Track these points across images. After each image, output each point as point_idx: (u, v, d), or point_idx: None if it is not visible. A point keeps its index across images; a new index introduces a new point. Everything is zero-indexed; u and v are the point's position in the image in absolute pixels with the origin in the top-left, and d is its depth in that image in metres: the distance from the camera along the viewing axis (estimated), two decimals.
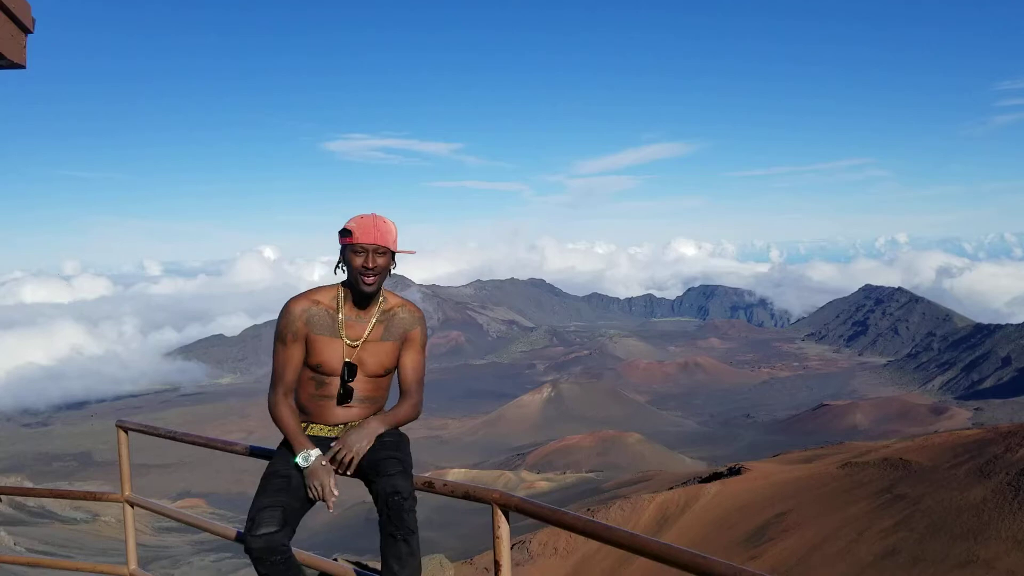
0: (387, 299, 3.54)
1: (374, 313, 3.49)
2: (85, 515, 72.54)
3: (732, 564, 2.19)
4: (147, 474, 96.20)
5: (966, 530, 23.38)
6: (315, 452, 3.25)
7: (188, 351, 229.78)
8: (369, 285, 3.37)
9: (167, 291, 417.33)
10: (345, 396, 3.44)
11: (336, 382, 3.41)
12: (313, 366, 3.41)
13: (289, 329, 3.37)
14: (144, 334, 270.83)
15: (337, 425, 3.45)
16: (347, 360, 3.40)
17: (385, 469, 3.25)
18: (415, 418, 3.57)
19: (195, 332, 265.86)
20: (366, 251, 3.35)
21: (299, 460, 3.24)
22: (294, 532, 3.17)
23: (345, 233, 3.39)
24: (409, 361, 3.57)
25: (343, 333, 3.41)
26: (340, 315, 3.42)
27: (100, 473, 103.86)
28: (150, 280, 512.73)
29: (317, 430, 3.44)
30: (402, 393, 3.59)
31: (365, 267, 3.34)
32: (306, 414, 3.47)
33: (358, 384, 3.44)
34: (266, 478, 3.26)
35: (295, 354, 3.38)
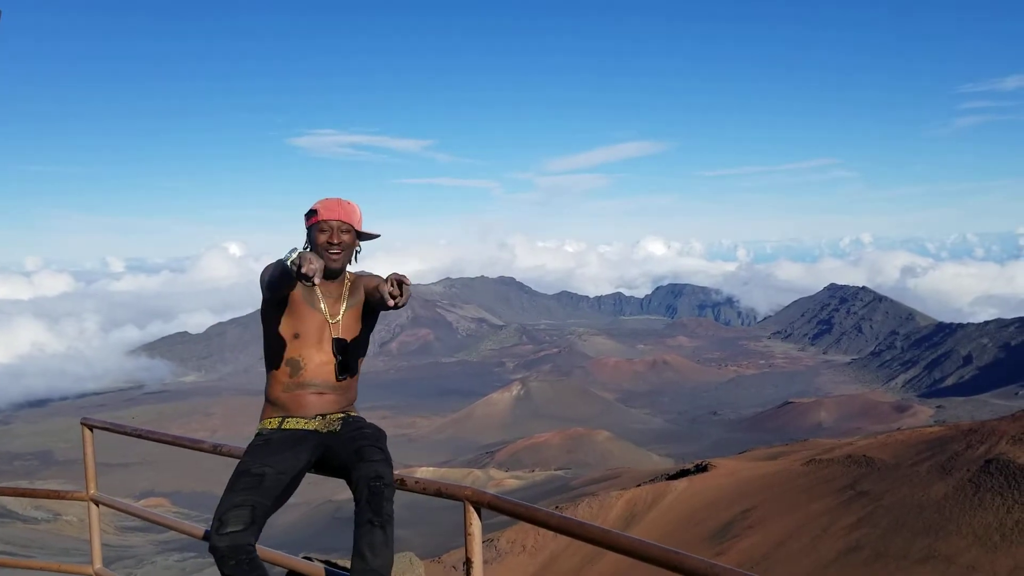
0: (347, 275, 3.59)
1: (343, 289, 3.53)
2: (46, 514, 71.38)
3: (704, 559, 2.19)
4: (110, 473, 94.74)
5: (927, 526, 23.80)
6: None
7: (152, 348, 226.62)
8: (335, 261, 3.41)
9: (130, 288, 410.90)
10: (343, 367, 3.46)
11: (312, 367, 3.41)
12: (289, 337, 3.40)
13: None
14: (106, 331, 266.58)
15: (315, 417, 3.42)
16: (336, 336, 3.44)
17: (368, 455, 3.24)
18: None
19: (158, 329, 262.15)
20: (331, 228, 3.39)
21: (291, 255, 2.99)
22: (260, 532, 3.11)
23: (311, 214, 3.44)
24: (376, 281, 3.45)
25: (324, 309, 3.45)
26: (319, 294, 3.45)
27: (62, 472, 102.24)
28: (112, 277, 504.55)
29: (294, 423, 3.40)
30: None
31: (330, 242, 3.39)
32: (281, 408, 3.44)
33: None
34: (236, 476, 3.19)
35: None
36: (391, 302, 3.11)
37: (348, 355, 3.49)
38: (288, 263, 3.00)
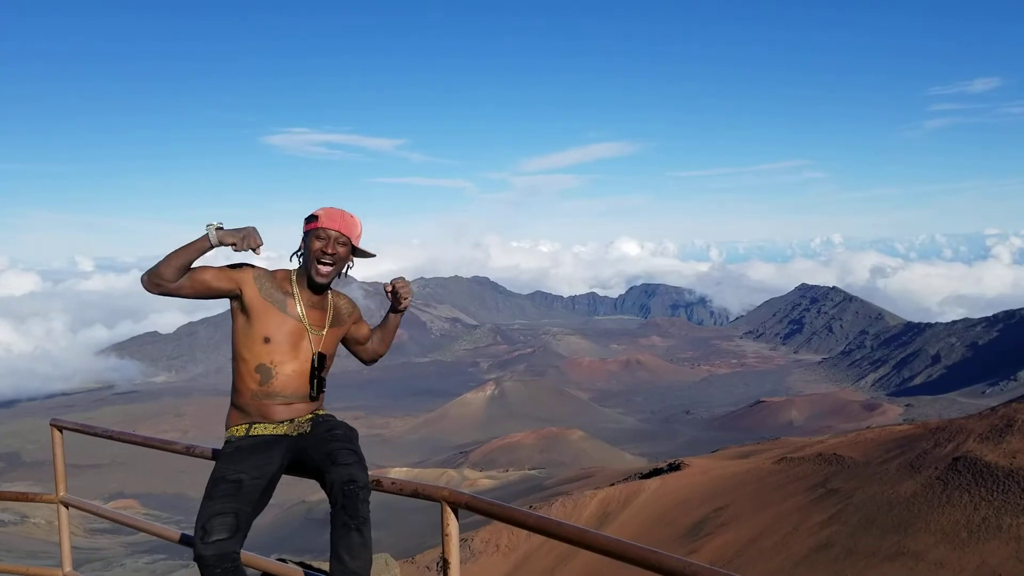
0: (330, 291, 3.52)
1: (327, 303, 3.46)
2: (13, 516, 70.27)
3: (682, 559, 2.20)
4: (79, 474, 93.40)
5: (897, 523, 24.09)
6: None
7: (121, 349, 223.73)
8: (323, 276, 3.33)
9: (98, 287, 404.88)
10: (319, 387, 3.38)
11: (283, 376, 3.30)
12: (258, 341, 3.28)
13: (236, 269, 3.30)
14: (74, 331, 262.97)
15: (282, 422, 3.33)
16: (318, 352, 3.36)
17: (341, 459, 3.19)
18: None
19: (127, 329, 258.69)
20: (328, 237, 3.30)
21: (210, 230, 3.09)
22: (244, 539, 3.08)
23: (311, 219, 3.34)
24: (367, 330, 3.73)
25: (304, 316, 3.35)
26: (297, 300, 3.35)
27: (30, 473, 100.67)
28: (81, 276, 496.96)
29: (261, 429, 3.30)
30: (376, 348, 3.79)
31: (324, 251, 3.29)
32: (248, 415, 3.33)
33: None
34: (213, 483, 3.12)
35: (212, 272, 3.22)
36: (404, 303, 3.50)
37: (324, 371, 3.43)
38: (213, 232, 3.04)
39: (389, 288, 3.54)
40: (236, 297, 3.27)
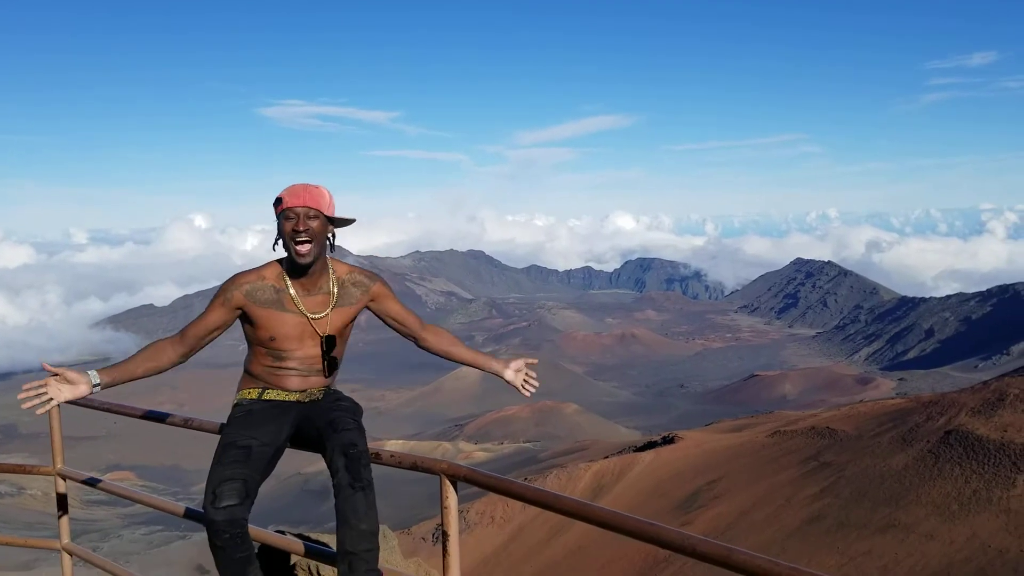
0: (336, 268, 3.41)
1: (327, 284, 3.37)
2: (10, 488, 70.63)
3: (681, 531, 2.20)
4: (75, 446, 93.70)
5: (888, 496, 24.31)
6: (94, 374, 3.28)
7: (117, 321, 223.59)
8: (302, 256, 3.19)
9: (92, 260, 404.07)
10: (332, 367, 3.38)
11: (295, 359, 3.31)
12: (265, 340, 3.29)
13: (224, 294, 3.24)
14: (68, 304, 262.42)
15: (295, 391, 3.35)
16: (326, 335, 3.32)
17: (342, 425, 3.20)
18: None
19: (121, 302, 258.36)
20: (296, 215, 3.16)
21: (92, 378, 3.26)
22: (252, 505, 3.06)
23: (277, 203, 3.23)
24: (396, 309, 3.52)
25: (301, 307, 3.29)
26: (291, 291, 3.29)
27: (26, 445, 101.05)
28: (75, 248, 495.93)
29: (275, 395, 3.34)
30: (423, 336, 3.60)
31: (296, 230, 3.15)
32: (263, 381, 3.36)
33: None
34: (224, 448, 3.12)
35: (215, 317, 3.22)
36: (527, 392, 3.49)
37: (337, 351, 3.40)
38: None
39: (524, 378, 3.55)
40: (240, 316, 3.30)
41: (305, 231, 3.17)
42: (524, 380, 3.52)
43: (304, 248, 3.19)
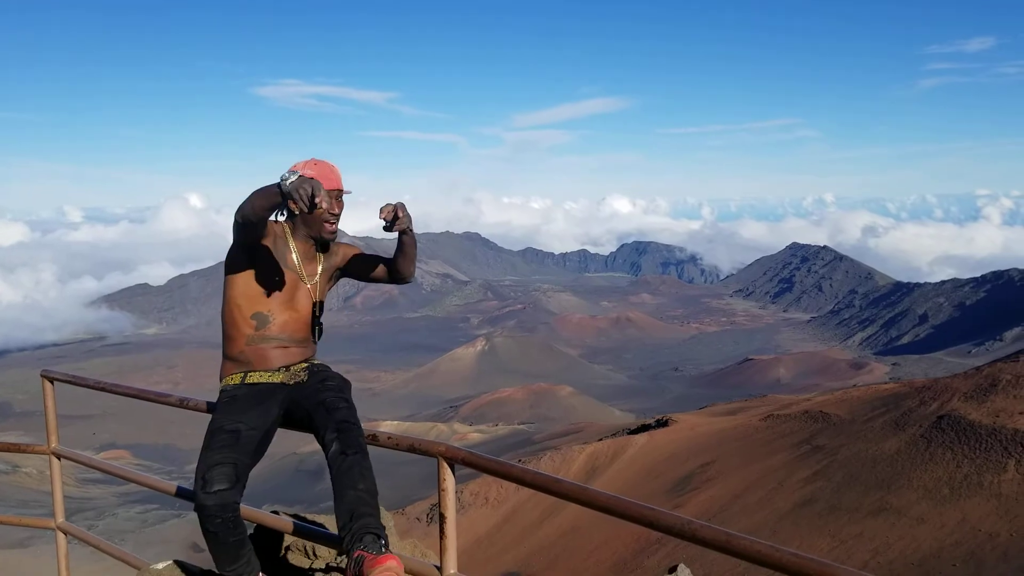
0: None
1: (314, 250, 3.48)
2: (5, 466, 70.70)
3: (680, 516, 2.19)
4: (70, 425, 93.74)
5: (880, 480, 24.45)
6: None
7: (112, 300, 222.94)
8: (333, 233, 3.39)
9: (87, 238, 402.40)
10: (319, 334, 3.50)
11: (279, 322, 3.35)
12: (253, 295, 3.32)
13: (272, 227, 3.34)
14: (63, 282, 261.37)
15: (278, 369, 3.36)
16: (318, 300, 3.44)
17: (334, 404, 3.24)
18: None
19: (116, 281, 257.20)
20: (330, 197, 3.31)
21: (283, 182, 2.93)
22: (244, 489, 3.08)
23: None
24: (368, 256, 3.59)
25: (300, 269, 3.39)
26: (293, 251, 3.39)
27: (20, 423, 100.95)
28: (70, 227, 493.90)
29: (258, 377, 3.34)
30: (393, 265, 3.53)
31: (331, 212, 3.33)
32: (243, 363, 3.36)
33: (307, 322, 3.46)
34: (212, 434, 3.14)
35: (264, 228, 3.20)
36: (399, 224, 3.23)
37: (322, 316, 3.52)
38: (286, 184, 2.90)
39: (388, 215, 3.22)
40: (255, 246, 3.28)
41: (337, 213, 3.39)
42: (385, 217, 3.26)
43: (335, 227, 3.41)
